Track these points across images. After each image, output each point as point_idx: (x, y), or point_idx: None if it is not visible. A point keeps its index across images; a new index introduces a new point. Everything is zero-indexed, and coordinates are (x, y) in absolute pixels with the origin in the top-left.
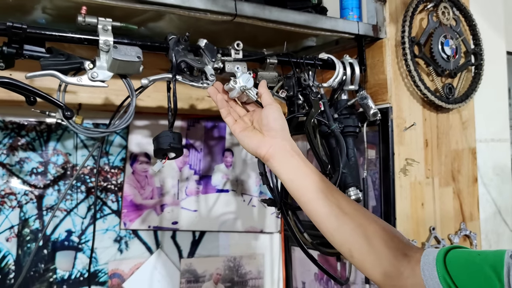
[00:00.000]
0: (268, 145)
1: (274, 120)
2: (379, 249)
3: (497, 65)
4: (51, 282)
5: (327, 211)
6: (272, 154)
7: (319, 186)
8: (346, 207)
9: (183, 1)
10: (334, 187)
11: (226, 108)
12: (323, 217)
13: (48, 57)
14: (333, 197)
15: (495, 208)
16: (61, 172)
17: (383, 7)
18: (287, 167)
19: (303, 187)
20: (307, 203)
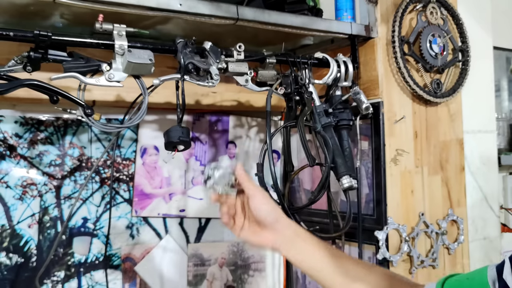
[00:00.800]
0: (270, 239)
1: (267, 214)
2: None
3: (484, 60)
4: (69, 265)
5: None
6: (277, 247)
7: (326, 262)
8: (353, 270)
9: (190, 7)
10: (340, 254)
11: (226, 215)
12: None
13: (69, 61)
14: (341, 267)
15: (482, 195)
16: (77, 164)
17: (374, 8)
18: (294, 253)
19: (312, 265)
20: (318, 277)
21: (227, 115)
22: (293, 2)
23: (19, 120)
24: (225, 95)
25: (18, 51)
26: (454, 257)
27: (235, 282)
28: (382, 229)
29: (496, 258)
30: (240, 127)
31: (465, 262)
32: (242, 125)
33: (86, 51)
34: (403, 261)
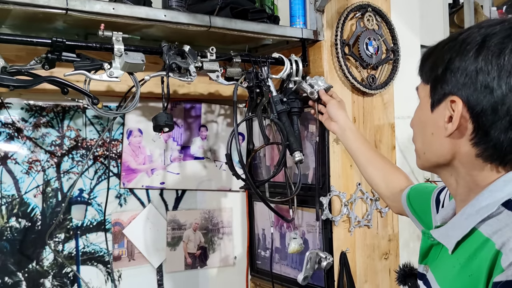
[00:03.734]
0: (334, 128)
1: (334, 115)
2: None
3: (413, 57)
4: (68, 229)
5: (362, 162)
6: (337, 132)
7: (360, 148)
8: (372, 158)
9: (172, 17)
10: (369, 147)
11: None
12: (365, 165)
13: (79, 61)
14: (367, 154)
15: (409, 169)
16: (74, 144)
17: (321, 16)
18: (346, 139)
19: (352, 148)
20: (353, 156)
21: (199, 103)
22: (255, 12)
23: (24, 106)
24: (198, 86)
25: (17, 49)
26: (386, 219)
27: (207, 243)
28: (326, 196)
29: None
30: (210, 113)
31: (395, 223)
32: (212, 112)
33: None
34: (343, 221)
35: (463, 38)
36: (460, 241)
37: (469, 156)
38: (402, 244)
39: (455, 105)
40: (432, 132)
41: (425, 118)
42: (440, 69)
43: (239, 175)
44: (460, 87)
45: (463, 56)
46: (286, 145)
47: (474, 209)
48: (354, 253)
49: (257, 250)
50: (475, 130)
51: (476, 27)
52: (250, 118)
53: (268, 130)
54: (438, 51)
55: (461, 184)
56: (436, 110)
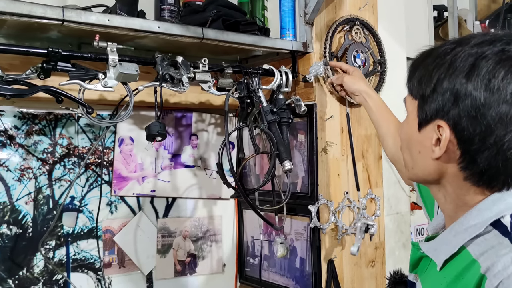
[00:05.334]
0: (358, 99)
1: (353, 91)
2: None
3: (399, 69)
4: (59, 236)
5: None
6: (361, 103)
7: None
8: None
9: (166, 29)
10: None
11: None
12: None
13: (74, 71)
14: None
15: (395, 179)
16: (66, 152)
17: (311, 29)
18: (368, 109)
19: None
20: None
21: (190, 112)
22: (246, 24)
23: (17, 114)
24: (189, 95)
25: (11, 58)
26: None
27: (196, 250)
28: (314, 204)
29: (406, 229)
30: (201, 122)
31: (381, 231)
32: (203, 120)
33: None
34: (331, 229)
35: (452, 58)
36: (448, 259)
37: (456, 178)
38: (388, 252)
39: (442, 130)
40: (420, 151)
41: (413, 136)
42: (428, 89)
43: (230, 183)
44: (447, 111)
45: (452, 78)
46: (276, 154)
47: (463, 227)
48: (341, 260)
49: (246, 257)
50: (462, 155)
51: (465, 44)
52: (241, 128)
53: (258, 139)
54: (426, 66)
55: (448, 200)
56: (424, 130)
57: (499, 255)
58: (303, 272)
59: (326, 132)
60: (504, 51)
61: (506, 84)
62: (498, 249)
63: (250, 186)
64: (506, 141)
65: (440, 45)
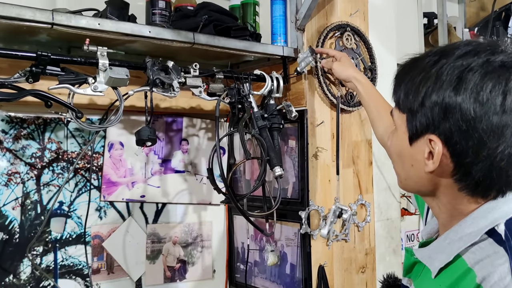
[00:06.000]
0: (349, 86)
1: (343, 77)
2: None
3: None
4: (47, 242)
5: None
6: (352, 88)
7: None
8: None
9: (157, 34)
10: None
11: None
12: (374, 115)
13: (63, 75)
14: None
15: (386, 185)
16: (55, 156)
17: (302, 34)
18: (358, 94)
19: (365, 105)
20: (368, 113)
21: (181, 116)
22: (237, 29)
23: (5, 118)
24: (180, 100)
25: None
26: (363, 233)
27: (186, 256)
28: (305, 210)
29: (396, 235)
30: (192, 127)
31: (371, 237)
32: (193, 126)
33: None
34: (321, 235)
35: (438, 71)
36: (443, 267)
37: (451, 189)
38: (379, 258)
39: (434, 144)
40: (412, 164)
41: (404, 149)
42: (416, 103)
43: (220, 189)
44: (437, 125)
45: (440, 91)
46: (266, 160)
47: (458, 235)
48: (331, 266)
49: (236, 263)
50: (456, 168)
51: (449, 55)
52: (232, 133)
53: (249, 144)
54: (411, 79)
55: (443, 210)
56: (415, 144)
57: (495, 265)
58: (294, 278)
59: (317, 137)
60: (489, 62)
61: (494, 96)
62: (494, 258)
63: (241, 192)
64: (498, 153)
65: (422, 56)
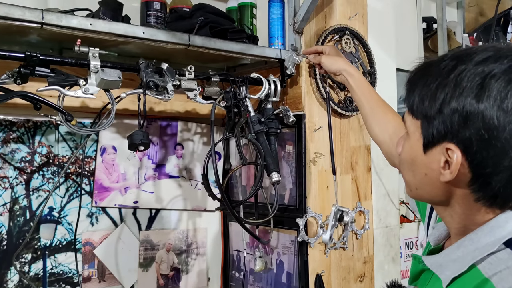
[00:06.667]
0: (340, 79)
1: (334, 71)
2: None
3: (389, 80)
4: (36, 249)
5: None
6: (344, 82)
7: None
8: (382, 107)
9: (151, 35)
10: (368, 90)
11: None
12: (366, 111)
13: (53, 76)
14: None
15: (385, 191)
16: (45, 161)
17: (300, 37)
18: (350, 88)
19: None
20: (360, 109)
21: (176, 120)
22: (234, 31)
23: None
24: (175, 104)
25: None
26: (361, 241)
27: (180, 264)
28: (302, 217)
29: (395, 243)
30: (187, 131)
31: (370, 245)
32: (188, 130)
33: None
34: (319, 243)
35: (457, 78)
36: (456, 276)
37: (466, 199)
38: (377, 266)
39: (452, 152)
40: (425, 173)
41: (417, 157)
42: (433, 110)
43: (215, 195)
44: (456, 133)
45: (460, 98)
46: (263, 166)
47: (474, 245)
48: (329, 275)
49: (232, 271)
50: (474, 178)
51: (467, 61)
52: (228, 138)
53: (245, 150)
54: (427, 85)
55: (456, 220)
56: (430, 152)
57: None
58: (290, 287)
59: (315, 143)
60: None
61: None
62: None
63: (237, 198)
64: None
65: (436, 61)
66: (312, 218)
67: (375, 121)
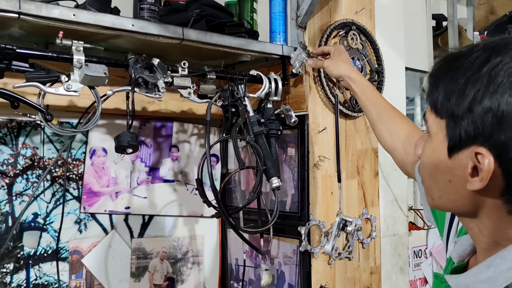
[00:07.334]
0: (344, 84)
1: (337, 75)
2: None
3: (397, 79)
4: (18, 258)
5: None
6: (347, 87)
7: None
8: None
9: (141, 28)
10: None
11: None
12: (374, 117)
13: (32, 71)
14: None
15: (393, 197)
16: (29, 163)
17: (303, 33)
18: (354, 93)
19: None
20: (367, 114)
21: (171, 121)
22: (232, 25)
23: None
24: (170, 103)
25: None
26: (368, 250)
27: (175, 274)
28: (305, 225)
29: (404, 252)
30: (183, 132)
31: (377, 255)
32: (185, 131)
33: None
34: (322, 253)
35: (491, 72)
36: None
37: (498, 211)
38: (384, 277)
39: (483, 158)
40: (450, 180)
41: (440, 162)
42: (461, 108)
43: (210, 202)
44: (489, 136)
45: (494, 96)
46: (262, 170)
47: (507, 264)
48: (333, 287)
49: (230, 281)
50: (508, 187)
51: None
52: (224, 140)
53: (244, 152)
54: (454, 79)
55: (485, 233)
56: (456, 157)
57: None
58: None
59: (319, 145)
60: None
61: None
62: None
63: (235, 204)
64: None
65: (466, 51)
66: (316, 226)
67: (384, 127)
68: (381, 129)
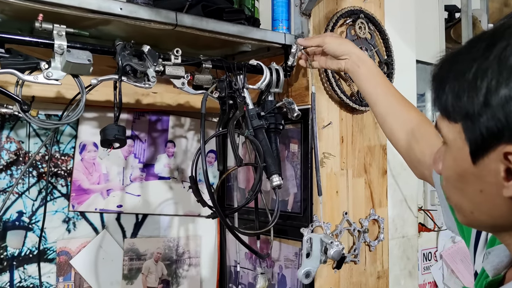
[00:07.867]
0: (346, 65)
1: (341, 51)
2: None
3: (408, 73)
4: (1, 259)
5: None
6: (350, 70)
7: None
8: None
9: (130, 12)
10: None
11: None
12: (383, 108)
13: (7, 57)
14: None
15: (402, 197)
16: (14, 158)
17: (308, 21)
18: (359, 77)
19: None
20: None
21: (167, 115)
22: (231, 12)
23: None
24: (165, 96)
25: None
26: (375, 253)
27: (170, 276)
28: (308, 226)
29: (413, 255)
30: (179, 127)
31: (385, 258)
32: (181, 125)
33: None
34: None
35: (500, 56)
36: None
37: None
38: (392, 281)
39: None
40: (481, 190)
41: (466, 171)
42: (476, 105)
43: (205, 201)
44: None
45: (511, 81)
46: (262, 167)
47: None
48: None
49: (228, 284)
50: None
51: (506, 35)
52: (221, 134)
53: (244, 149)
54: (460, 75)
55: None
56: (482, 162)
57: None
58: None
59: (323, 141)
60: None
61: None
62: None
63: (235, 203)
64: None
65: (466, 47)
66: (319, 228)
67: (397, 122)
68: (392, 123)
